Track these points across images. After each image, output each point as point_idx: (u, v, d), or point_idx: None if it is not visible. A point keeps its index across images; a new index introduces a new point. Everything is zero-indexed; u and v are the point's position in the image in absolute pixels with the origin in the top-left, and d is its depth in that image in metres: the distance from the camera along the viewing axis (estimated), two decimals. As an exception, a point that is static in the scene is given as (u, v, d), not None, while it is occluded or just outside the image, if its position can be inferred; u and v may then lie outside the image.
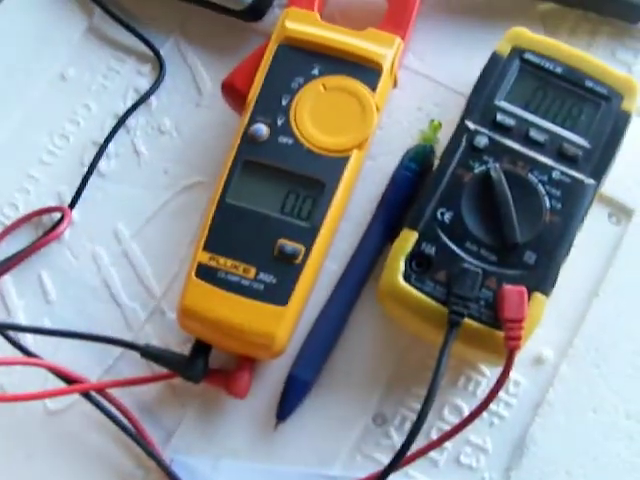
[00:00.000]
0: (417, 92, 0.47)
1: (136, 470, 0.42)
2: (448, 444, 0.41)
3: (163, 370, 0.42)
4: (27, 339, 0.44)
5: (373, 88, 0.43)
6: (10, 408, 0.42)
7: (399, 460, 0.37)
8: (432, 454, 0.41)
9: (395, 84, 0.45)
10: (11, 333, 0.43)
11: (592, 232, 0.43)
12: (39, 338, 0.44)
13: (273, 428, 0.41)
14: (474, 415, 0.38)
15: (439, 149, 0.42)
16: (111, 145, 0.47)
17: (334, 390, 0.42)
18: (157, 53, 0.49)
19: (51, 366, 0.42)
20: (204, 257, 0.41)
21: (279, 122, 0.43)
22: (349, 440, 0.41)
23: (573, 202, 0.40)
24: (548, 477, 0.40)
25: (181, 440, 0.42)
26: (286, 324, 0.40)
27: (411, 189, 0.43)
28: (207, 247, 0.41)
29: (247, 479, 0.41)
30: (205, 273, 0.40)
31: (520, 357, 0.40)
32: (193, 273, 0.40)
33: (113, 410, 0.42)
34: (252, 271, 0.40)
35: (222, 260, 0.40)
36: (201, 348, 0.41)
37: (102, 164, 0.47)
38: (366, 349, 0.43)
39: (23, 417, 0.43)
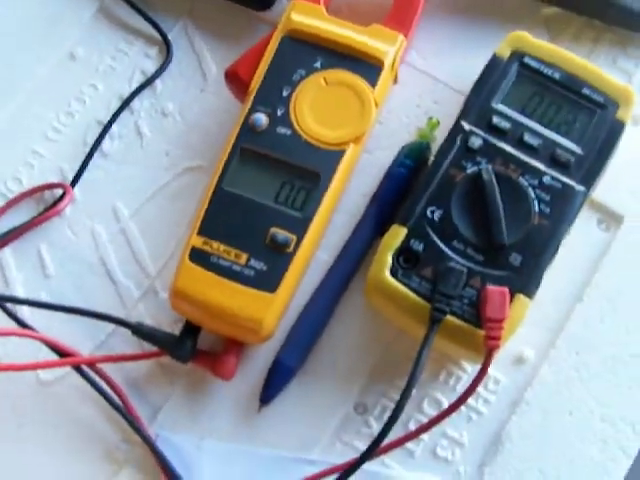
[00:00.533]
0: (417, 89, 0.47)
1: (121, 444, 0.43)
2: (425, 436, 0.42)
3: (153, 348, 0.43)
4: (23, 311, 0.45)
5: (373, 84, 0.44)
6: (3, 378, 0.44)
7: (375, 448, 0.38)
8: (409, 445, 0.42)
9: (396, 80, 0.46)
10: (8, 305, 0.45)
11: (581, 237, 0.44)
12: (35, 311, 0.45)
13: (256, 411, 0.43)
14: (451, 409, 0.39)
15: (436, 147, 0.43)
16: (115, 126, 0.48)
17: (318, 377, 0.43)
18: (165, 37, 0.49)
19: (45, 338, 0.43)
20: (198, 241, 0.42)
21: (279, 112, 0.44)
22: (330, 427, 0.42)
23: (562, 207, 0.41)
24: (522, 475, 0.41)
25: (167, 417, 0.43)
26: (274, 310, 0.41)
27: (404, 185, 0.44)
28: (201, 232, 0.42)
29: (229, 460, 0.42)
30: (198, 257, 0.41)
31: (501, 356, 0.42)
32: (187, 256, 0.41)
33: (102, 384, 0.43)
34: (244, 257, 0.41)
35: (215, 245, 0.41)
36: (191, 329, 0.42)
37: (105, 144, 0.48)
38: (351, 340, 0.44)
39: (16, 387, 0.44)
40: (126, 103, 0.48)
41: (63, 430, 0.43)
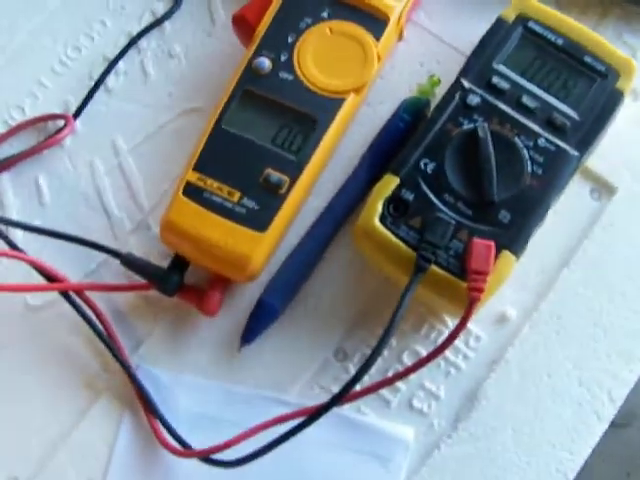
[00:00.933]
0: (422, 48, 0.48)
1: (102, 372, 0.44)
2: (402, 386, 0.42)
3: (141, 281, 0.44)
4: (17, 236, 0.46)
5: (378, 38, 0.44)
6: (-8, 300, 0.45)
7: (348, 391, 0.38)
8: (386, 395, 0.42)
9: (401, 37, 0.46)
10: (1, 228, 0.45)
11: (573, 205, 0.45)
12: (28, 237, 0.45)
13: (237, 350, 0.43)
14: (429, 357, 0.39)
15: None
16: (121, 63, 0.49)
17: (300, 321, 0.43)
18: (177, -20, 0.50)
19: (35, 262, 0.43)
20: (193, 176, 0.42)
21: (282, 58, 0.44)
22: (308, 371, 0.43)
23: (555, 170, 0.41)
24: (495, 432, 0.42)
25: (148, 351, 0.44)
26: (263, 249, 0.41)
27: (401, 138, 0.45)
28: (197, 167, 0.42)
29: (205, 395, 0.43)
30: (192, 192, 0.42)
31: (484, 314, 0.42)
32: (180, 190, 0.42)
33: (88, 313, 0.44)
34: (237, 195, 0.42)
35: (209, 181, 0.42)
36: (179, 263, 0.43)
37: (110, 80, 0.49)
38: (336, 286, 0.44)
39: (3, 310, 0.45)
40: (134, 41, 0.49)
41: (46, 355, 0.44)
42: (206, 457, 0.40)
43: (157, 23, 0.49)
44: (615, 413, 0.42)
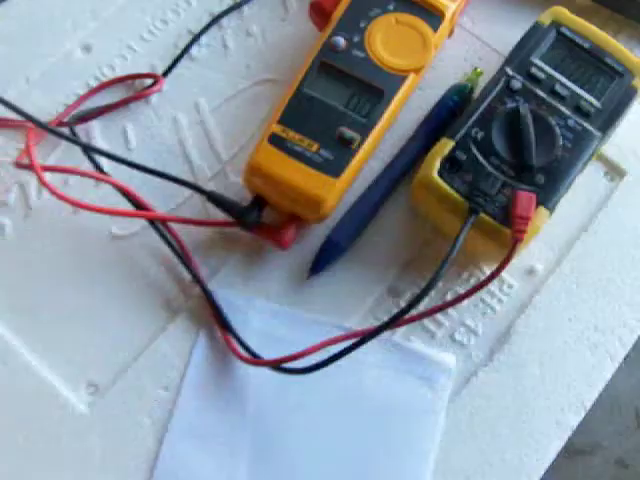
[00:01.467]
0: (466, 46, 0.56)
1: (180, 295, 0.49)
2: (446, 322, 0.49)
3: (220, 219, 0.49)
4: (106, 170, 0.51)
5: (435, 30, 0.52)
6: (79, 231, 0.50)
7: (397, 319, 0.44)
8: (431, 327, 0.49)
9: (451, 33, 0.54)
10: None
11: (590, 184, 0.53)
12: (116, 172, 0.50)
13: (304, 279, 0.49)
14: (472, 291, 0.45)
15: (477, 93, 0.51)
16: (204, 37, 0.55)
17: (361, 259, 0.50)
18: (255, -29, 0.58)
19: (126, 188, 0.49)
20: (277, 128, 0.49)
21: (355, 39, 0.51)
22: (365, 304, 0.49)
23: (581, 145, 0.49)
24: (524, 363, 0.48)
25: (223, 278, 0.49)
26: (335, 193, 0.48)
27: (448, 115, 0.52)
28: (281, 121, 0.49)
29: (275, 318, 0.48)
30: (276, 140, 0.48)
31: (515, 265, 0.49)
32: (266, 139, 0.48)
33: (171, 241, 0.49)
34: (315, 146, 0.48)
35: (292, 133, 0.48)
36: (258, 202, 0.49)
37: (194, 49, 0.55)
38: (392, 233, 0.51)
39: (91, 238, 0.50)
40: (216, 19, 0.56)
41: (129, 279, 0.49)
42: (277, 366, 0.45)
43: (237, 5, 0.56)
44: (625, 355, 0.49)
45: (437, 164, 0.48)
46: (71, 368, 0.47)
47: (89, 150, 0.50)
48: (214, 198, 0.49)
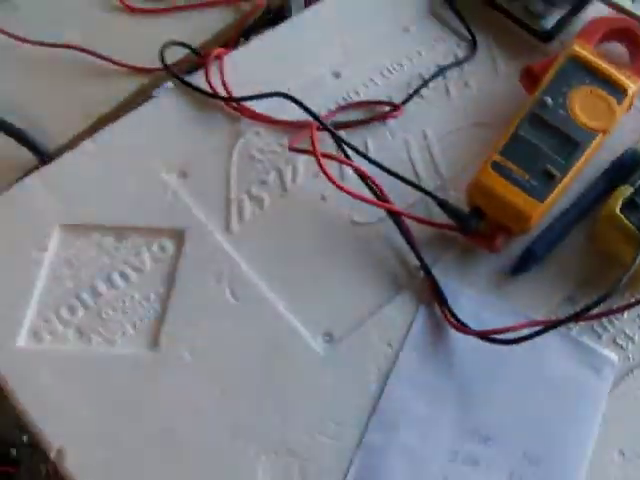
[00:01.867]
0: (637, 123, 0.70)
1: (406, 275, 0.61)
2: (611, 328, 0.61)
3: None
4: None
5: (619, 103, 0.67)
6: (326, 215, 0.63)
7: (574, 318, 0.56)
8: (599, 330, 0.61)
9: (629, 108, 0.68)
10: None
11: None
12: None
13: (506, 278, 0.62)
14: (631, 305, 0.58)
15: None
16: (431, 82, 0.70)
17: (550, 269, 0.62)
18: (474, 37, 0.72)
19: (380, 187, 0.62)
20: (498, 158, 0.62)
21: (559, 101, 0.66)
22: (550, 304, 0.61)
23: None
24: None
25: (439, 272, 0.62)
26: (539, 213, 0.61)
27: (624, 170, 0.66)
28: (501, 152, 0.62)
29: (482, 305, 0.61)
30: (496, 167, 0.62)
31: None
32: (489, 164, 0.62)
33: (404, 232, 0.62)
34: (527, 176, 0.62)
35: (509, 163, 0.62)
36: (477, 212, 0.62)
37: (423, 90, 0.70)
38: (577, 253, 0.63)
39: (334, 223, 0.63)
40: (442, 70, 0.70)
41: (365, 257, 0.62)
42: (486, 336, 0.57)
43: (459, 62, 0.71)
44: None
45: (619, 203, 0.61)
46: (313, 320, 0.60)
47: (350, 149, 0.63)
48: (443, 203, 0.62)
